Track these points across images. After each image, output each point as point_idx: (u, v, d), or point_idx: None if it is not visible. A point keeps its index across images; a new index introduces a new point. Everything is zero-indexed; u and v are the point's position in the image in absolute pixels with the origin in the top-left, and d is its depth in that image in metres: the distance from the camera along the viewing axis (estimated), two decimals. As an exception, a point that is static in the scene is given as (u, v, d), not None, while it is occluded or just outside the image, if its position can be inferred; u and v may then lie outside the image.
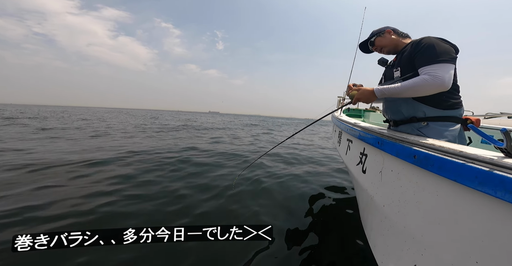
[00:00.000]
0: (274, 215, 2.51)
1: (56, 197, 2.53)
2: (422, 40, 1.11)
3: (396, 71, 1.25)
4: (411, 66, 1.15)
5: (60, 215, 2.15)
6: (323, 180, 3.89)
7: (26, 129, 8.56)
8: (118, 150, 5.22)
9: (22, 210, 2.19)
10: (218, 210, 2.51)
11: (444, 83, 0.98)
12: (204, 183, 3.30)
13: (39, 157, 4.22)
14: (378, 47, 1.41)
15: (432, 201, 0.73)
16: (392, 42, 1.36)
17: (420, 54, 1.08)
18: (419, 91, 1.04)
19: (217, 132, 11.37)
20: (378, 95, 1.16)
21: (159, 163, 4.23)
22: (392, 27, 1.38)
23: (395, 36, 1.35)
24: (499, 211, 0.53)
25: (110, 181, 3.15)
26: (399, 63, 1.25)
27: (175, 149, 5.67)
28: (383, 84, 1.37)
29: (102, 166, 3.82)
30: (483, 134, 0.64)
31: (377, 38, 1.39)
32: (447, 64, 1.01)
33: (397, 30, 1.36)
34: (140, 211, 2.34)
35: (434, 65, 1.01)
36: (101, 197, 2.61)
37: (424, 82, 1.00)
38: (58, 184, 2.94)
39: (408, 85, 1.04)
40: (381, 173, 1.10)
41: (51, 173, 3.38)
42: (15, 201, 2.37)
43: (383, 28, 1.40)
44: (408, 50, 1.18)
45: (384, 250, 1.01)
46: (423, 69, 1.04)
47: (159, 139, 7.71)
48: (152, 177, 3.43)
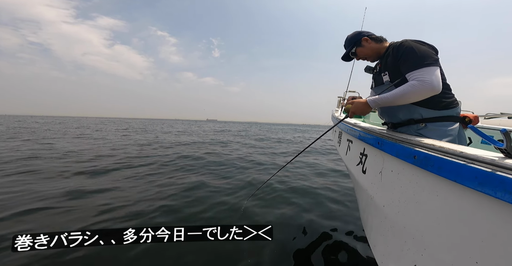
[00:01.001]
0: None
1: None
2: (402, 44, 1.11)
3: (384, 75, 1.25)
4: (399, 71, 1.15)
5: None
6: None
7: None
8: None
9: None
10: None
11: (434, 87, 0.99)
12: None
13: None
14: (362, 57, 1.39)
15: (432, 201, 0.73)
16: (373, 50, 1.33)
17: (403, 60, 1.09)
18: (411, 98, 1.04)
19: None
20: (372, 106, 1.16)
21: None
22: (366, 33, 1.34)
23: (372, 43, 1.32)
24: (499, 212, 0.53)
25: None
26: (385, 67, 1.25)
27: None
28: (374, 89, 1.40)
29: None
30: (483, 134, 0.64)
31: (358, 49, 1.36)
32: (432, 67, 1.01)
33: (372, 36, 1.33)
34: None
35: (420, 70, 1.02)
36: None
37: (414, 88, 1.01)
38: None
39: (399, 94, 1.05)
40: (381, 173, 1.10)
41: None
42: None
43: (357, 35, 1.35)
44: (391, 55, 1.18)
45: (384, 250, 1.01)
46: (410, 75, 1.05)
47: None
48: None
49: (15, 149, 6.45)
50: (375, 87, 1.38)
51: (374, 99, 1.14)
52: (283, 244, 2.03)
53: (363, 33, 1.34)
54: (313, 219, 2.57)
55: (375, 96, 1.15)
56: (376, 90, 1.35)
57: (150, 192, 3.15)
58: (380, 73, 1.29)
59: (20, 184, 3.31)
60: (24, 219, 2.25)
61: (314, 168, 5.19)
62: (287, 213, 2.69)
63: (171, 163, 5.22)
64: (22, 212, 2.39)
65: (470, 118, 1.18)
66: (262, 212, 2.66)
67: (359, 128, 1.47)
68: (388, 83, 1.22)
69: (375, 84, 1.39)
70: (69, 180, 3.64)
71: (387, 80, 1.24)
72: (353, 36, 1.36)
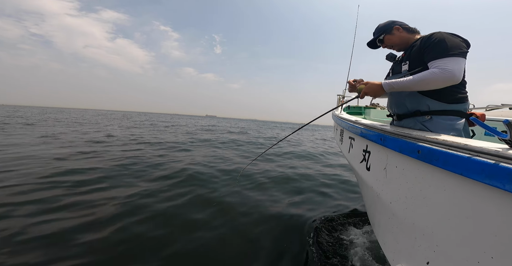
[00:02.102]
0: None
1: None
2: (433, 35, 1.10)
3: (404, 64, 1.24)
4: (420, 61, 1.14)
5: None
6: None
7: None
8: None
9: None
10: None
11: (454, 77, 0.96)
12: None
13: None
14: (388, 45, 1.38)
15: (439, 196, 0.72)
16: (401, 39, 1.32)
17: (429, 48, 1.07)
18: (429, 85, 1.02)
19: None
20: (386, 89, 1.14)
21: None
22: (399, 22, 1.33)
23: (404, 33, 1.31)
24: (508, 204, 0.52)
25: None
26: (408, 57, 1.23)
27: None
28: (390, 78, 1.36)
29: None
30: (486, 126, 0.63)
31: (386, 36, 1.35)
32: (457, 57, 0.99)
33: (404, 25, 1.32)
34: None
35: (444, 59, 1.00)
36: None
37: (433, 75, 0.99)
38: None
39: (417, 79, 1.03)
40: (385, 169, 1.09)
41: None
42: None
43: (390, 24, 1.34)
44: (418, 45, 1.16)
45: (395, 248, 0.99)
46: (433, 63, 1.03)
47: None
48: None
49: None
50: (392, 76, 1.35)
51: (389, 82, 1.12)
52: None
53: (396, 22, 1.33)
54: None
55: (390, 80, 1.13)
56: (392, 78, 1.31)
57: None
58: (401, 62, 1.27)
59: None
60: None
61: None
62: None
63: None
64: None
65: (477, 116, 1.17)
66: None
67: (361, 125, 1.46)
68: (405, 72, 1.21)
69: (392, 73, 1.37)
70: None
71: (405, 70, 1.22)
72: (386, 25, 1.35)
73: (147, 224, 2.17)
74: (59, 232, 1.92)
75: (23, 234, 1.84)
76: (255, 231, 2.20)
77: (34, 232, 1.88)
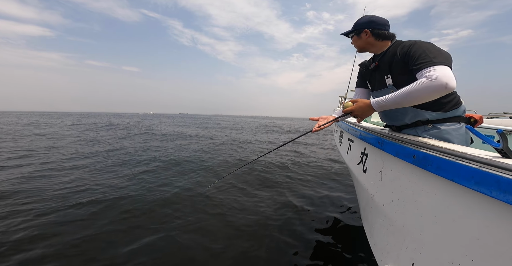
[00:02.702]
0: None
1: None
2: (412, 46, 1.06)
3: (387, 78, 1.19)
4: (404, 74, 1.10)
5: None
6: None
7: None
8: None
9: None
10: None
11: (447, 84, 0.89)
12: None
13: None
14: (353, 44, 1.35)
15: (430, 200, 0.75)
16: (365, 44, 1.28)
17: (413, 61, 1.03)
18: (420, 97, 0.94)
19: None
20: (376, 108, 1.07)
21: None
22: (373, 25, 1.24)
23: (371, 38, 1.25)
24: (494, 210, 0.54)
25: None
26: (388, 69, 1.18)
27: None
28: (373, 93, 1.34)
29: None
30: (480, 135, 0.65)
31: (354, 37, 1.32)
32: (443, 66, 0.94)
33: (375, 31, 1.24)
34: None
35: (430, 68, 0.95)
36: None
37: (422, 85, 0.91)
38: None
39: (406, 92, 0.96)
40: (381, 172, 1.12)
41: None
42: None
43: (363, 25, 1.27)
44: (398, 58, 1.12)
45: (383, 249, 1.02)
46: (419, 74, 0.98)
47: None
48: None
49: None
50: (376, 91, 1.30)
51: (379, 101, 1.05)
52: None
53: (371, 25, 1.25)
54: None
55: (379, 98, 1.07)
56: (377, 94, 1.28)
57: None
58: (382, 74, 1.22)
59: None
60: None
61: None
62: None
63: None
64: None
65: (476, 118, 1.18)
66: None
67: (360, 128, 1.48)
68: (391, 87, 1.17)
69: (375, 87, 1.31)
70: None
71: (390, 84, 1.17)
72: (361, 23, 1.28)
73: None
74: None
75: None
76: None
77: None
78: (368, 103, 1.09)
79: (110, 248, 1.92)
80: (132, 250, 1.89)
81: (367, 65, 1.36)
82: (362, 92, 1.44)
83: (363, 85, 1.43)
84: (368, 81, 1.38)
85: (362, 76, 1.43)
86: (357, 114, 1.12)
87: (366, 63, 1.39)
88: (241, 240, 2.09)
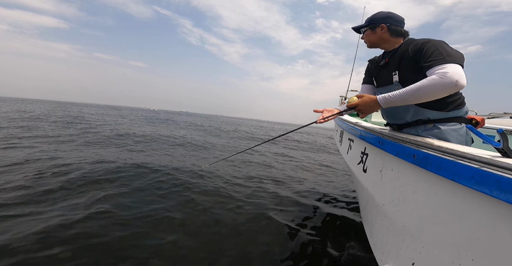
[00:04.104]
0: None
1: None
2: (425, 44, 1.05)
3: (394, 75, 1.18)
4: (412, 72, 1.09)
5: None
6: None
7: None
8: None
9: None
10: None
11: (457, 82, 0.88)
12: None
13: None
14: (364, 39, 1.32)
15: (430, 200, 0.74)
16: (378, 40, 1.25)
17: (424, 58, 1.02)
18: (429, 94, 0.93)
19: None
20: (383, 104, 1.04)
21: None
22: (391, 20, 1.23)
23: (386, 34, 1.23)
24: (494, 210, 0.54)
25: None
26: (396, 66, 1.18)
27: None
28: (378, 89, 1.33)
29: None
30: (481, 134, 0.65)
31: (367, 31, 1.28)
32: (455, 64, 0.93)
33: (392, 27, 1.22)
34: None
35: (441, 65, 0.94)
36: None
37: (432, 82, 0.90)
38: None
39: (414, 89, 0.95)
40: (381, 172, 1.11)
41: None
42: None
43: (380, 20, 1.24)
44: (409, 55, 1.11)
45: (384, 248, 1.02)
46: (430, 71, 0.97)
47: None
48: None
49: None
50: (381, 87, 1.29)
51: (386, 97, 1.02)
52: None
53: (388, 20, 1.22)
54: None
55: (386, 94, 1.04)
56: (382, 90, 1.26)
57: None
58: (390, 71, 1.21)
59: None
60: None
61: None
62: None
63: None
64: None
65: (477, 120, 1.17)
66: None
67: (360, 128, 1.48)
68: (397, 84, 1.16)
69: (381, 83, 1.30)
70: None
71: (396, 81, 1.16)
72: (377, 18, 1.25)
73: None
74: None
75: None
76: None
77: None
78: (375, 99, 1.06)
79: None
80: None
81: (377, 61, 1.34)
82: (368, 88, 1.43)
83: (370, 81, 1.41)
84: (375, 78, 1.37)
85: (370, 73, 1.41)
86: (362, 109, 1.10)
87: (376, 59, 1.36)
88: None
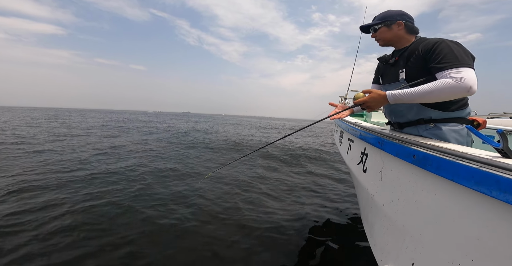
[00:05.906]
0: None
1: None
2: (436, 43, 1.03)
3: (401, 72, 1.17)
4: (419, 71, 1.09)
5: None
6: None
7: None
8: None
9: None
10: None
11: (471, 88, 0.89)
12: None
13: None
14: (378, 38, 1.27)
15: (430, 200, 0.74)
16: (394, 37, 1.22)
17: (435, 59, 1.01)
18: (441, 96, 0.94)
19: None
20: (391, 101, 1.04)
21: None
22: (407, 17, 1.20)
23: (402, 31, 1.20)
24: (494, 210, 0.54)
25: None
26: (404, 64, 1.17)
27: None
28: (384, 86, 1.32)
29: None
30: (481, 135, 0.65)
31: (382, 28, 1.23)
32: (469, 68, 0.93)
33: (408, 24, 1.20)
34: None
35: (456, 69, 0.93)
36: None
37: (447, 85, 0.91)
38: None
39: (428, 90, 0.94)
40: (381, 172, 1.11)
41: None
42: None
43: (396, 16, 1.20)
44: (419, 54, 1.10)
45: (383, 249, 1.02)
46: (443, 73, 0.96)
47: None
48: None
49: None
50: (387, 84, 1.28)
51: (396, 94, 1.02)
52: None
53: (404, 18, 1.19)
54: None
55: (396, 91, 1.03)
56: (387, 87, 1.25)
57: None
58: (397, 68, 1.19)
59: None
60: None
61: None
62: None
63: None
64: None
65: (479, 122, 1.17)
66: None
67: (360, 128, 1.48)
68: (403, 81, 1.15)
69: (386, 80, 1.29)
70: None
71: (402, 78, 1.16)
72: (392, 15, 1.21)
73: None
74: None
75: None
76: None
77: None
78: (384, 95, 1.05)
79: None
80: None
81: (387, 59, 1.32)
82: (378, 88, 1.41)
83: (379, 81, 1.40)
84: (381, 75, 1.36)
85: (378, 71, 1.40)
86: (370, 105, 1.09)
87: (386, 57, 1.34)
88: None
